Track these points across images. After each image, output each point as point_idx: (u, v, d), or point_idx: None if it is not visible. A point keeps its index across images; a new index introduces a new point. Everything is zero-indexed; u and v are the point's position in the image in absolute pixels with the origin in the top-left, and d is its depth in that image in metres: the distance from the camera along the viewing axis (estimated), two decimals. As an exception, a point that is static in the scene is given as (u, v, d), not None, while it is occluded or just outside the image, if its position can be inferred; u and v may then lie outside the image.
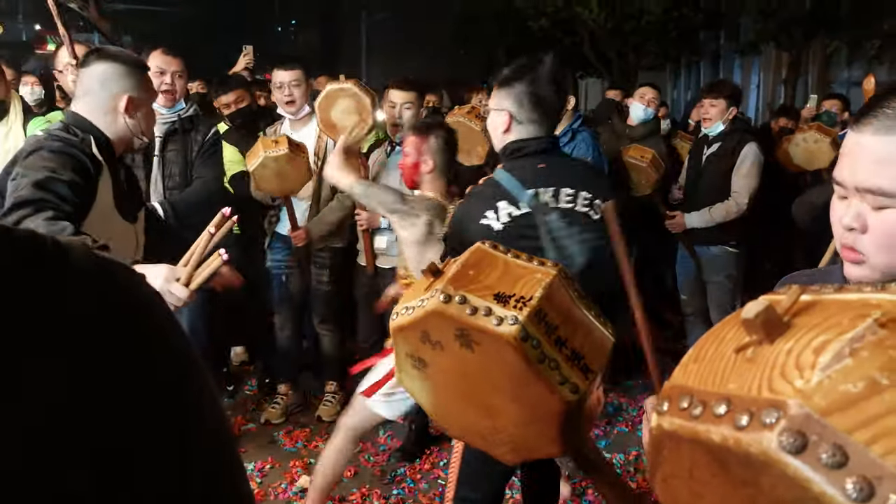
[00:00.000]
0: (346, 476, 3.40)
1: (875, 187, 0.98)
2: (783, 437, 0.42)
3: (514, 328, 0.89)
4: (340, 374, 4.15)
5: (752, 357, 0.49)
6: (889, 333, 0.45)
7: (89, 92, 2.18)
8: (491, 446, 1.02)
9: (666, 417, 0.51)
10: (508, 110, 2.16)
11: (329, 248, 3.93)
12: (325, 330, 4.05)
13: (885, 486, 0.39)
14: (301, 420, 4.01)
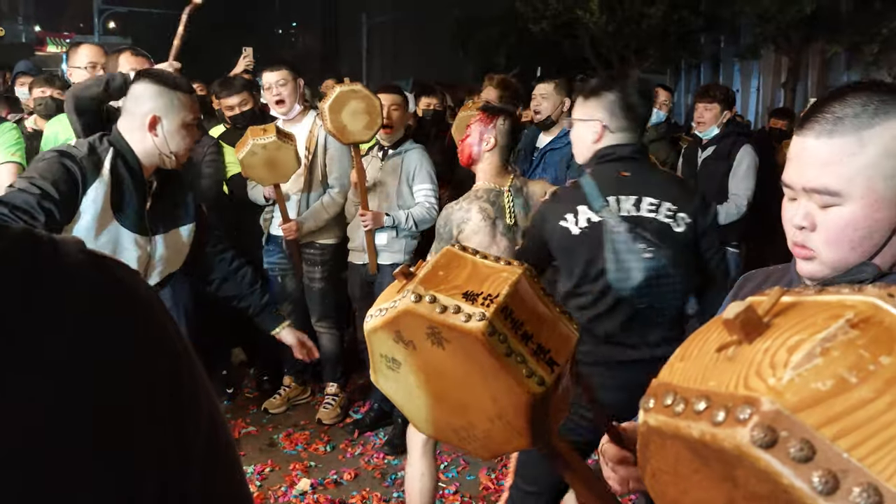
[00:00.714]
0: (346, 479, 3.41)
1: (821, 187, 1.03)
2: (755, 433, 0.44)
3: (481, 324, 0.93)
4: (341, 375, 4.18)
5: (732, 356, 0.51)
6: (860, 333, 0.47)
7: (126, 109, 2.32)
8: (465, 442, 1.08)
9: (651, 414, 0.53)
10: (600, 120, 2.19)
11: (319, 245, 3.94)
12: (322, 328, 4.06)
13: (849, 480, 0.41)
14: (301, 423, 4.01)
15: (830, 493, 0.41)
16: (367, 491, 3.28)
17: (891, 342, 0.46)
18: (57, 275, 0.43)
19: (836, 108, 1.03)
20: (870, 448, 0.42)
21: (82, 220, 2.20)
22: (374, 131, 3.52)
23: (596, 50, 15.79)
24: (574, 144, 2.33)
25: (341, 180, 3.85)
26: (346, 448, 3.72)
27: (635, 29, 14.69)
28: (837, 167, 1.02)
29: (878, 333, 0.47)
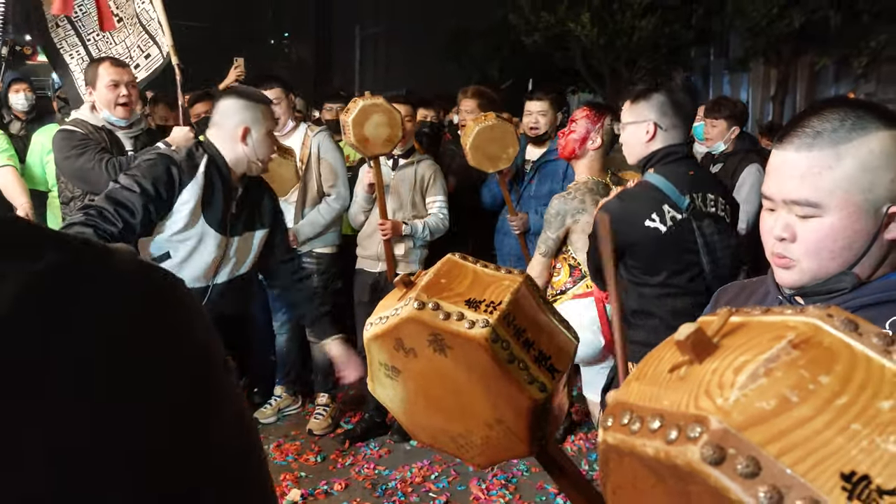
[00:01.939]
0: (337, 489, 3.40)
1: (801, 199, 1.06)
2: (705, 450, 0.46)
3: (485, 330, 0.94)
4: (333, 385, 4.17)
5: (684, 376, 0.53)
6: (801, 354, 0.49)
7: (216, 123, 2.65)
8: (462, 451, 1.09)
9: (610, 432, 0.55)
10: (652, 120, 2.31)
11: (316, 254, 3.96)
12: (314, 338, 4.06)
13: (792, 494, 0.43)
14: (292, 433, 4.01)
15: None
16: (357, 501, 3.28)
17: (829, 362, 0.48)
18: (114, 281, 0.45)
19: (814, 122, 1.06)
20: (810, 464, 0.44)
21: (175, 216, 2.53)
22: (395, 143, 3.60)
23: (587, 62, 15.87)
24: (627, 146, 2.42)
25: (338, 188, 3.87)
26: (337, 459, 3.72)
27: (626, 42, 14.76)
28: (816, 179, 1.05)
29: (817, 354, 0.49)
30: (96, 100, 3.32)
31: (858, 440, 0.45)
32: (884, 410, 0.46)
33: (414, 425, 1.14)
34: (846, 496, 0.43)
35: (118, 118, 3.32)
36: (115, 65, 3.34)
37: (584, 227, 2.84)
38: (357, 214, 3.96)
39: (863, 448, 0.44)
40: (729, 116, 4.28)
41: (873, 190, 1.04)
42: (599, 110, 2.92)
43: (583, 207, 2.89)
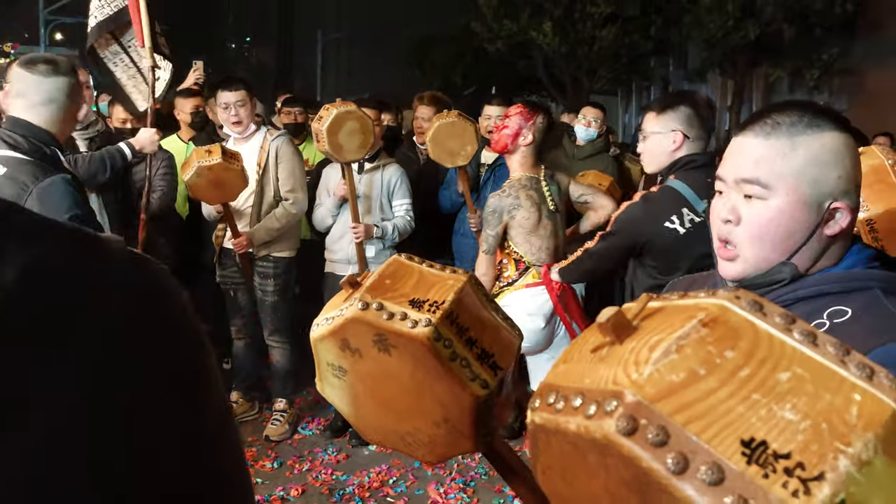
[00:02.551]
0: (294, 495, 3.37)
1: (753, 177, 1.12)
2: (619, 422, 0.49)
3: (427, 329, 0.96)
4: (292, 390, 4.15)
5: (605, 356, 0.56)
6: (710, 332, 0.53)
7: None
8: (410, 448, 1.10)
9: (537, 412, 0.58)
10: (680, 130, 2.44)
11: (273, 258, 3.93)
12: (274, 342, 4.04)
13: (697, 460, 0.47)
14: (248, 439, 3.95)
15: (682, 472, 0.47)
16: (314, 507, 3.25)
17: (735, 339, 0.52)
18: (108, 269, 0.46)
19: (775, 115, 1.13)
20: (714, 431, 0.47)
21: None
22: (367, 149, 3.63)
23: (549, 71, 16.04)
24: (650, 154, 2.52)
25: (295, 193, 3.86)
26: (294, 465, 3.68)
27: (587, 51, 14.97)
28: (770, 164, 1.11)
29: (724, 331, 0.53)
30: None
31: (758, 409, 0.48)
32: (782, 381, 0.49)
33: (363, 425, 1.15)
34: (745, 460, 0.46)
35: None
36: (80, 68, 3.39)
37: (521, 223, 3.02)
38: (325, 218, 3.96)
39: (761, 416, 0.48)
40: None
41: (819, 184, 1.09)
42: (533, 108, 3.02)
43: (518, 203, 3.01)
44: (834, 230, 1.11)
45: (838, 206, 1.10)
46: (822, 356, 0.51)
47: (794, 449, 0.46)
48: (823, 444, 0.46)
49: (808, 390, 0.49)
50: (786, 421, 0.47)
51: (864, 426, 0.47)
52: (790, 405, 0.48)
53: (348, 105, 3.58)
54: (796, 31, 12.57)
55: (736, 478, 0.46)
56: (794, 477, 0.45)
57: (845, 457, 0.46)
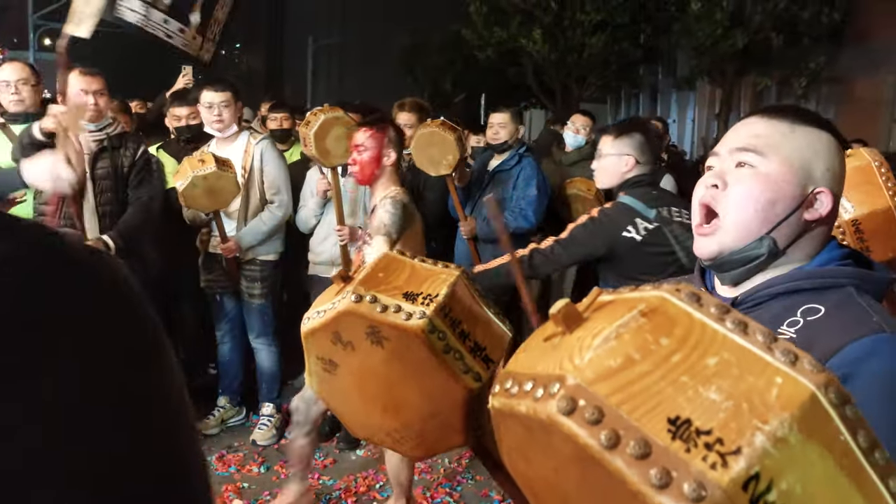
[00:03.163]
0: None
1: (749, 145, 1.15)
2: (560, 403, 0.54)
3: (422, 322, 0.97)
4: (279, 395, 4.14)
5: (556, 345, 0.61)
6: (647, 321, 0.57)
7: None
8: (398, 444, 1.11)
9: (496, 397, 0.62)
10: (633, 155, 2.75)
11: (259, 262, 3.92)
12: (261, 345, 4.03)
13: (627, 436, 0.51)
14: (235, 444, 3.94)
15: (613, 447, 0.51)
16: (300, 512, 3.23)
17: (671, 327, 0.56)
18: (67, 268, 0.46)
19: (784, 107, 1.21)
20: (644, 410, 0.52)
21: None
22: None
23: (539, 78, 16.10)
24: (604, 172, 2.82)
25: (281, 196, 3.86)
26: (281, 469, 3.66)
27: (577, 58, 15.04)
28: (768, 138, 1.15)
29: (661, 321, 0.57)
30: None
31: (685, 390, 0.52)
32: (709, 366, 0.53)
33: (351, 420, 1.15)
34: (671, 436, 0.50)
35: (86, 121, 3.37)
36: (85, 74, 3.41)
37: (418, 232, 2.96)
38: (309, 219, 3.97)
39: (688, 397, 0.52)
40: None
41: (809, 166, 1.14)
42: (380, 125, 2.92)
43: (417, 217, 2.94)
44: (814, 216, 1.13)
45: (822, 191, 1.13)
46: (751, 343, 0.55)
47: (715, 426, 0.50)
48: (742, 422, 0.50)
49: (734, 373, 0.53)
50: (710, 401, 0.51)
51: (782, 406, 0.51)
52: (715, 387, 0.52)
53: (336, 111, 3.60)
54: (784, 41, 12.66)
55: (661, 452, 0.50)
56: (714, 451, 0.49)
57: (762, 433, 0.49)
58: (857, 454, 0.52)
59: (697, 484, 0.48)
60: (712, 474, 0.48)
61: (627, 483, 0.50)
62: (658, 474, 0.49)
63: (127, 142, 3.47)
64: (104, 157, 3.41)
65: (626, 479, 0.50)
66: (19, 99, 3.66)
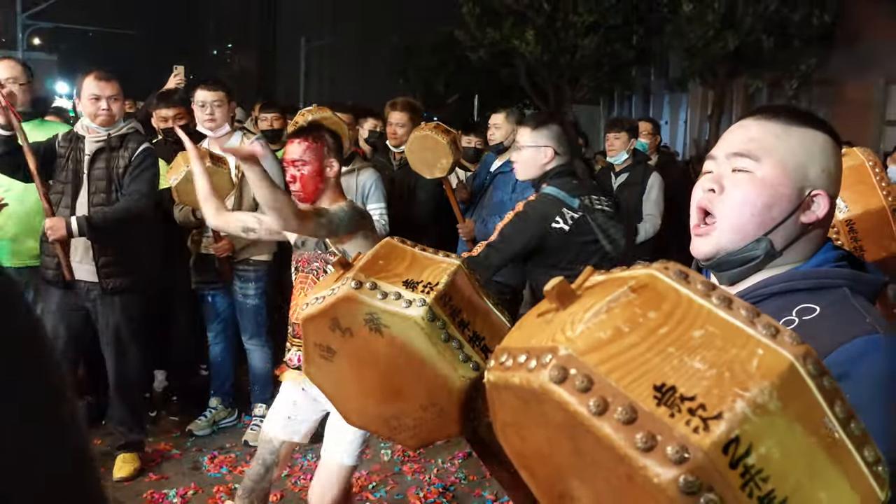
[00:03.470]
0: (273, 500, 3.33)
1: (744, 150, 1.16)
2: (552, 372, 0.56)
3: (422, 310, 0.98)
4: (271, 395, 4.10)
5: (550, 320, 0.63)
6: (637, 296, 0.59)
7: None
8: (394, 433, 1.11)
9: (491, 371, 0.64)
10: (552, 146, 2.75)
11: (253, 262, 3.91)
12: (253, 346, 4.01)
13: (615, 402, 0.53)
14: (227, 445, 3.91)
15: (601, 413, 0.53)
16: (292, 513, 3.21)
17: (659, 302, 0.59)
18: None
19: (778, 108, 1.20)
20: (631, 379, 0.54)
21: None
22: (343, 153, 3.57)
23: (532, 79, 16.12)
24: (524, 165, 2.80)
25: None
26: (273, 470, 3.63)
27: (570, 60, 15.07)
28: (762, 141, 1.15)
29: (650, 296, 0.59)
30: (81, 108, 3.44)
31: (671, 360, 0.55)
32: (695, 337, 0.56)
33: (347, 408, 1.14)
34: (656, 402, 0.52)
35: (98, 126, 3.38)
36: (99, 79, 3.37)
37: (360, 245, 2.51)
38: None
39: (674, 366, 0.54)
40: (629, 129, 4.96)
41: (804, 169, 1.14)
42: (315, 135, 2.54)
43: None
44: (810, 218, 1.14)
45: (818, 194, 1.14)
46: (734, 317, 0.57)
47: (699, 393, 0.52)
48: (724, 389, 0.52)
49: (718, 345, 0.55)
50: (694, 370, 0.54)
51: (762, 375, 0.53)
52: (700, 357, 0.54)
53: (324, 111, 3.57)
54: (775, 43, 12.73)
55: (647, 417, 0.52)
56: (696, 416, 0.51)
57: (742, 400, 0.52)
58: (833, 424, 0.55)
59: (680, 447, 0.50)
60: (695, 437, 0.51)
61: (615, 447, 0.52)
62: (644, 438, 0.51)
63: (128, 142, 3.42)
64: (101, 158, 3.37)
65: (613, 444, 0.52)
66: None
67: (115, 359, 3.47)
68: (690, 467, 0.50)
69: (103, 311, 3.41)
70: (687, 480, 0.50)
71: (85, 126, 3.39)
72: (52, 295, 3.41)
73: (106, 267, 3.35)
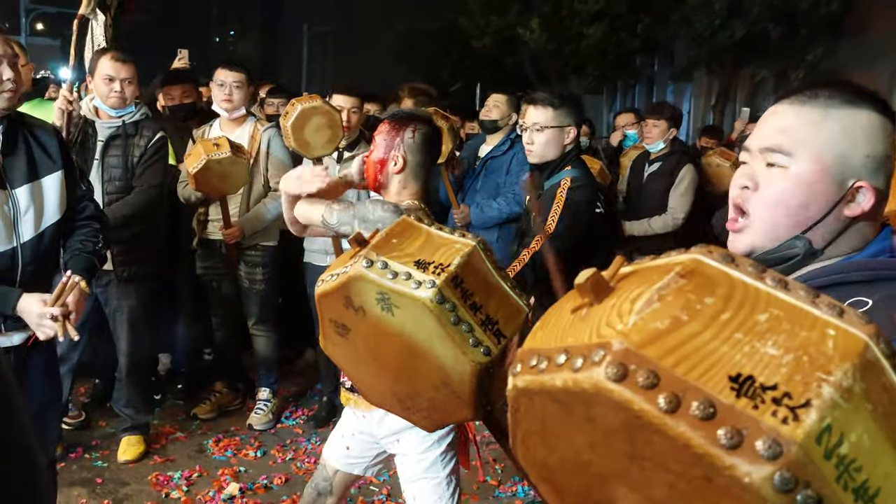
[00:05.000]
0: (277, 483, 3.34)
1: (776, 145, 1.08)
2: (608, 370, 0.51)
3: (430, 291, 0.95)
4: (275, 380, 4.12)
5: (585, 316, 0.59)
6: (688, 282, 0.56)
7: None
8: (408, 412, 1.10)
9: (519, 377, 0.59)
10: (573, 126, 2.68)
11: (261, 248, 3.90)
12: (259, 331, 4.01)
13: (688, 398, 0.49)
14: (232, 429, 3.92)
15: (674, 411, 0.49)
16: (297, 495, 3.21)
17: (712, 287, 0.55)
18: None
19: (816, 88, 1.10)
20: (702, 370, 0.50)
21: None
22: (336, 144, 3.55)
23: (536, 67, 16.04)
24: (545, 146, 2.69)
25: None
26: (277, 454, 3.65)
27: (574, 48, 14.97)
28: (797, 132, 1.07)
29: (701, 281, 0.56)
30: (93, 87, 3.38)
31: (741, 347, 0.51)
32: (760, 322, 0.52)
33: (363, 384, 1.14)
34: (735, 394, 0.49)
35: (108, 107, 3.34)
36: (115, 59, 3.32)
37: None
38: None
39: (745, 353, 0.51)
40: (669, 118, 4.62)
41: (846, 159, 1.05)
42: (398, 122, 2.27)
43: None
44: (854, 211, 1.06)
45: (862, 186, 1.05)
46: (795, 298, 0.54)
47: (780, 380, 0.49)
48: (806, 375, 0.49)
49: (786, 328, 0.52)
50: (769, 356, 0.50)
51: (842, 357, 0.50)
52: (771, 342, 0.51)
53: (314, 99, 3.46)
54: (782, 32, 12.64)
55: (727, 411, 0.48)
56: (783, 406, 0.48)
57: (828, 385, 0.48)
58: None
59: (772, 441, 0.47)
60: (785, 429, 0.47)
61: (692, 447, 0.48)
62: (727, 434, 0.47)
63: (143, 129, 3.38)
64: (116, 145, 3.33)
65: (690, 444, 0.48)
66: None
67: (127, 343, 3.46)
68: (785, 462, 0.46)
69: (116, 297, 3.40)
70: (783, 477, 0.46)
71: (93, 108, 3.36)
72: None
73: (120, 255, 3.35)
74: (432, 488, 2.17)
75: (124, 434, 3.56)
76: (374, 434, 2.24)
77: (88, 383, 4.25)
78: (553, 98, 2.67)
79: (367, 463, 2.36)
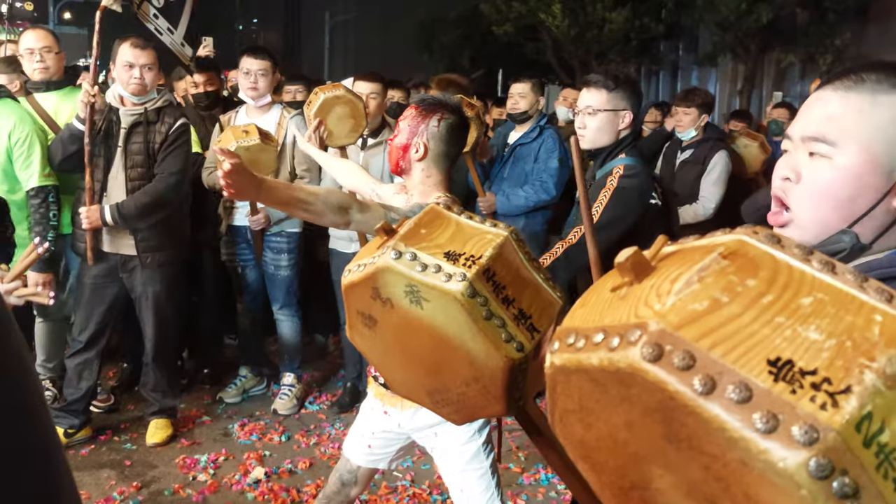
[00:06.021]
0: (301, 468, 3.37)
1: (819, 135, 1.01)
2: (644, 350, 0.51)
3: (461, 285, 0.91)
4: (300, 365, 4.16)
5: (624, 295, 0.58)
6: (730, 263, 0.55)
7: None
8: (437, 405, 1.05)
9: (556, 354, 0.59)
10: (630, 109, 2.47)
11: (286, 234, 3.93)
12: (284, 316, 4.05)
13: (724, 380, 0.48)
14: (257, 413, 3.96)
15: (709, 393, 0.48)
16: (322, 480, 3.24)
17: (755, 268, 0.54)
18: None
19: (862, 71, 1.02)
20: (740, 353, 0.49)
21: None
22: (360, 133, 3.54)
23: (558, 54, 15.90)
24: (598, 132, 2.47)
25: (312, 172, 3.84)
26: (302, 438, 3.68)
27: (597, 34, 14.80)
28: (842, 120, 1.00)
29: (744, 262, 0.55)
30: (115, 75, 3.42)
31: (782, 330, 0.50)
32: (804, 305, 0.51)
33: (391, 376, 1.11)
34: (772, 378, 0.48)
35: (129, 94, 3.36)
36: (135, 46, 3.34)
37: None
38: None
39: (786, 337, 0.49)
40: (700, 105, 4.44)
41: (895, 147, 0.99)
42: (425, 108, 2.16)
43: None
44: None
45: None
46: (842, 282, 0.53)
47: (820, 365, 0.48)
48: (848, 360, 0.48)
49: (830, 312, 0.51)
50: (810, 340, 0.49)
51: (887, 342, 0.48)
52: (814, 326, 0.50)
53: (337, 88, 3.42)
54: (809, 16, 12.41)
55: (763, 395, 0.47)
56: (822, 391, 0.47)
57: (871, 371, 0.47)
58: None
59: (808, 426, 0.45)
60: (823, 415, 0.46)
61: (727, 430, 0.47)
62: (763, 418, 0.46)
63: (164, 116, 3.40)
64: (138, 132, 3.36)
65: (725, 427, 0.47)
66: (44, 66, 3.66)
67: (153, 327, 3.51)
68: (822, 448, 0.45)
69: (141, 283, 3.44)
70: (819, 463, 0.45)
71: (117, 95, 3.39)
72: (87, 265, 3.44)
73: (144, 241, 3.39)
74: (478, 479, 2.17)
75: (152, 417, 3.61)
76: (402, 429, 2.23)
77: (116, 367, 4.31)
78: (608, 80, 2.47)
79: (391, 457, 2.36)
